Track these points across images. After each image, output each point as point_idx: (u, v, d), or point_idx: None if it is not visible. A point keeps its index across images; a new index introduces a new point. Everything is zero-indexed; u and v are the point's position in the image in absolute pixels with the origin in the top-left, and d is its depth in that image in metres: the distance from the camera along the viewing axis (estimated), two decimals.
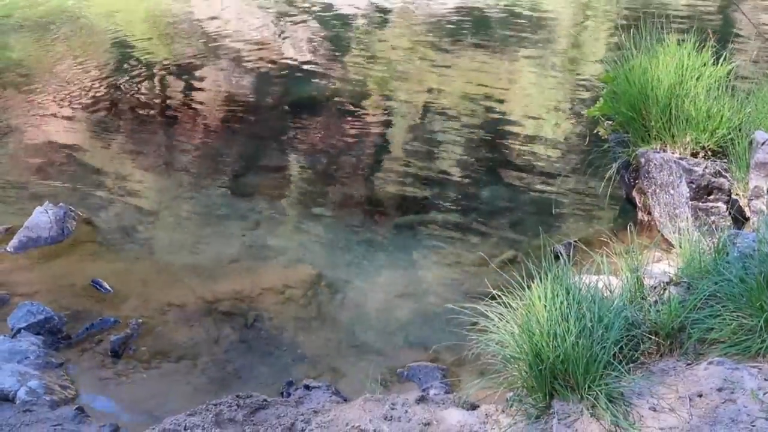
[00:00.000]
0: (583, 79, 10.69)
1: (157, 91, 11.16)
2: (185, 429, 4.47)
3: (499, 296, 4.53)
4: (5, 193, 8.16)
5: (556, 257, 4.72)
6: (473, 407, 4.46)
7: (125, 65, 12.29)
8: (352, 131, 9.47)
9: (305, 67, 11.90)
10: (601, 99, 7.48)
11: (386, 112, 10.08)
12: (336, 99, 10.48)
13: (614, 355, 4.12)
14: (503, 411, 4.27)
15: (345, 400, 4.89)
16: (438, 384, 5.12)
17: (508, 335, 4.28)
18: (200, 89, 11.20)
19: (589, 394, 3.98)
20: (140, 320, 5.99)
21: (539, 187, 7.85)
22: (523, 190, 7.83)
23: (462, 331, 4.72)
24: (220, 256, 6.92)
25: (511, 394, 4.32)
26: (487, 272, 5.94)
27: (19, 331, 5.78)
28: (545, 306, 4.19)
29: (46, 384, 5.24)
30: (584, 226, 7.07)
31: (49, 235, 7.09)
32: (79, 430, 4.78)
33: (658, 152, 6.58)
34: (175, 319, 6.05)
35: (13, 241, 7.01)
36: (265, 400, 4.77)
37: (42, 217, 7.16)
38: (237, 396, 4.77)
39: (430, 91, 10.59)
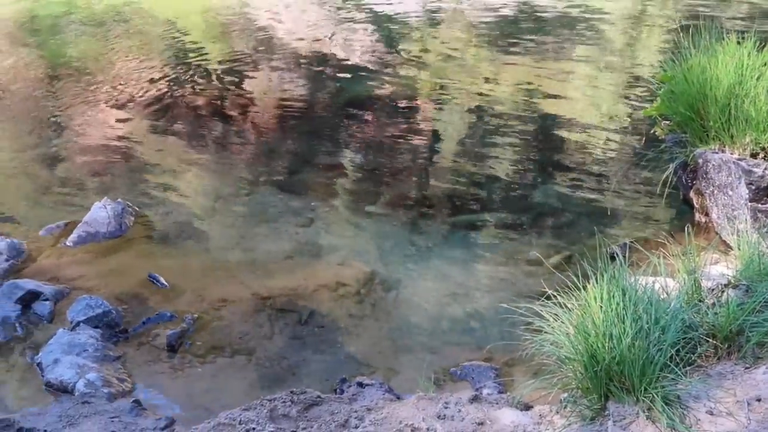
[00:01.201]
0: (639, 79, 10.57)
1: (212, 89, 11.25)
2: (240, 423, 4.51)
3: (554, 296, 4.51)
4: (64, 189, 8.30)
5: (612, 258, 4.69)
6: (527, 408, 4.45)
7: (181, 63, 12.42)
8: (405, 130, 9.47)
9: (358, 65, 11.93)
10: (658, 99, 7.40)
11: (439, 111, 10.06)
12: (388, 98, 10.49)
13: (671, 357, 4.08)
14: (557, 412, 4.25)
15: (398, 398, 4.89)
16: (491, 384, 5.11)
17: (563, 336, 4.25)
18: (254, 87, 11.28)
19: (645, 397, 3.95)
20: (196, 315, 6.06)
21: (594, 187, 7.78)
22: (578, 190, 7.77)
23: (516, 330, 4.71)
24: (274, 253, 6.97)
25: (566, 395, 4.30)
26: (541, 272, 5.92)
27: (78, 324, 5.89)
28: (601, 307, 4.16)
29: (103, 377, 5.33)
30: (640, 227, 6.99)
31: (108, 230, 7.20)
32: (136, 423, 4.84)
33: (717, 153, 6.49)
34: (230, 314, 6.11)
35: (73, 236, 7.13)
36: (318, 397, 4.80)
37: (101, 213, 7.28)
38: (291, 392, 4.80)
39: (482, 90, 10.54)
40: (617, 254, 4.85)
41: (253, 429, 4.44)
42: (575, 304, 4.37)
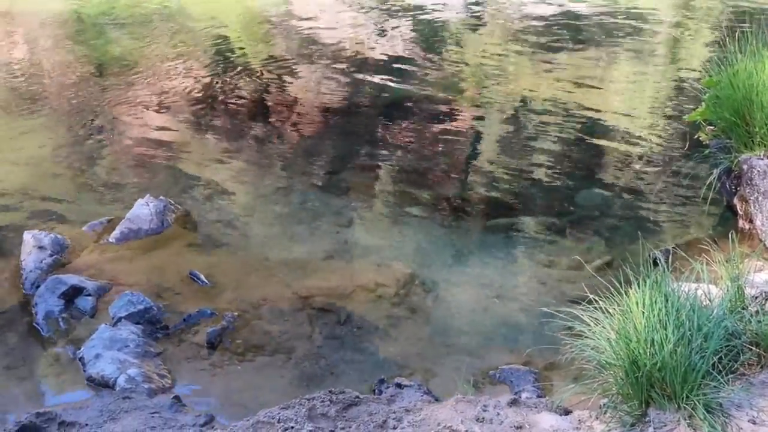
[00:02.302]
0: (683, 82, 10.49)
1: (253, 89, 11.31)
2: (279, 422, 4.53)
3: (595, 300, 4.48)
4: (107, 186, 8.38)
5: (654, 263, 4.66)
6: (566, 412, 4.43)
7: (222, 62, 12.50)
8: (446, 131, 9.46)
9: (399, 66, 11.93)
10: (702, 103, 7.33)
11: (479, 112, 10.04)
12: (428, 100, 10.48)
13: (713, 365, 4.04)
14: (597, 417, 4.23)
15: (436, 400, 4.89)
16: (530, 387, 5.09)
17: (604, 341, 4.23)
18: (295, 87, 11.32)
19: (686, 404, 3.91)
20: (236, 313, 6.09)
21: (636, 191, 7.73)
22: (619, 194, 7.72)
23: (556, 334, 4.70)
24: (314, 252, 6.99)
25: (606, 400, 4.27)
26: (582, 276, 5.89)
27: (119, 319, 5.95)
28: (643, 312, 4.13)
29: (144, 372, 5.38)
30: (683, 233, 6.93)
31: (150, 227, 7.27)
32: (176, 419, 4.87)
33: (762, 159, 6.42)
34: (270, 313, 6.14)
35: (115, 233, 7.20)
36: (357, 397, 4.81)
37: (143, 210, 7.35)
38: (330, 391, 4.81)
39: (524, 91, 10.51)
40: (660, 259, 4.82)
41: (292, 428, 4.45)
42: (617, 309, 4.34)
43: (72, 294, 6.30)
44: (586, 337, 4.36)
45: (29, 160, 9.02)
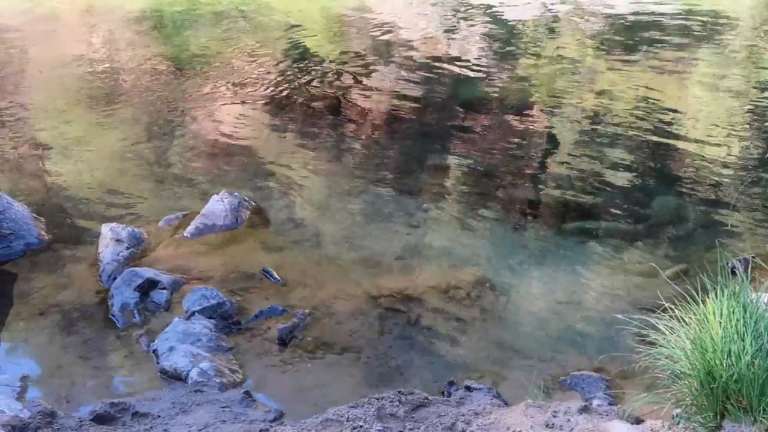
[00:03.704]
0: (764, 87, 10.25)
1: (327, 87, 11.38)
2: (347, 421, 4.54)
3: (670, 309, 4.40)
4: (183, 181, 8.52)
5: (732, 272, 4.55)
6: (638, 421, 4.36)
7: (298, 60, 12.61)
8: (519, 133, 9.40)
9: (473, 66, 11.90)
10: None
11: (553, 115, 9.96)
12: (503, 101, 10.43)
13: None
14: (670, 428, 4.15)
15: (506, 404, 4.86)
16: (601, 395, 5.03)
17: (678, 350, 4.15)
18: (369, 86, 11.36)
19: (763, 417, 3.82)
20: (307, 311, 6.14)
21: (713, 198, 7.59)
22: (696, 202, 7.58)
23: (629, 342, 4.63)
24: (386, 252, 7.00)
25: (679, 411, 4.19)
26: (656, 283, 5.79)
27: (193, 314, 6.03)
28: (720, 323, 4.05)
29: (216, 367, 5.45)
30: (762, 242, 6.78)
31: (224, 222, 7.36)
32: (246, 414, 4.92)
33: None
34: (341, 311, 6.17)
35: (190, 227, 7.30)
36: (426, 398, 4.80)
37: (218, 205, 7.44)
38: (399, 392, 4.81)
39: (599, 95, 10.39)
40: (738, 269, 4.71)
41: (360, 427, 4.45)
42: (692, 318, 4.25)
43: (147, 287, 6.41)
44: (660, 345, 4.28)
45: (109, 154, 9.21)
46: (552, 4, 15.38)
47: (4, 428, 4.49)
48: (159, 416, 4.91)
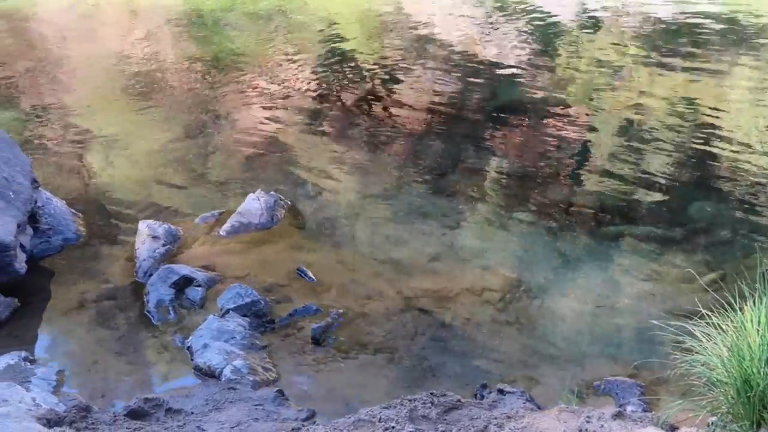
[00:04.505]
0: None
1: (364, 88, 11.40)
2: (380, 421, 4.53)
3: (707, 316, 4.35)
4: (219, 179, 8.57)
5: None
6: (672, 428, 4.32)
7: (336, 61, 12.64)
8: (556, 136, 9.35)
9: (511, 69, 11.86)
10: None
11: (591, 119, 9.89)
12: (540, 103, 10.38)
13: None
14: None
15: (539, 408, 4.83)
16: (636, 401, 4.99)
17: (715, 357, 4.10)
18: (406, 87, 11.35)
19: None
20: (341, 310, 6.15)
21: (752, 204, 7.49)
22: (735, 208, 7.48)
23: (664, 348, 4.58)
24: (420, 254, 7.00)
25: (715, 419, 4.15)
26: (693, 289, 5.76)
27: (227, 311, 6.06)
28: (758, 330, 4.00)
29: (249, 365, 5.47)
30: None
31: (260, 221, 7.39)
32: (278, 412, 4.93)
33: None
34: (374, 312, 6.18)
35: (226, 226, 7.34)
36: (458, 401, 4.78)
37: (254, 204, 7.47)
38: (432, 393, 4.80)
39: (637, 100, 10.30)
40: None
41: (393, 428, 4.45)
42: (730, 325, 4.20)
43: (183, 284, 6.46)
44: (696, 352, 4.23)
45: (147, 151, 9.29)
46: (592, 5, 15.28)
47: (39, 421, 4.54)
48: (192, 413, 4.94)
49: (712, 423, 4.14)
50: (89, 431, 4.67)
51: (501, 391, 5.04)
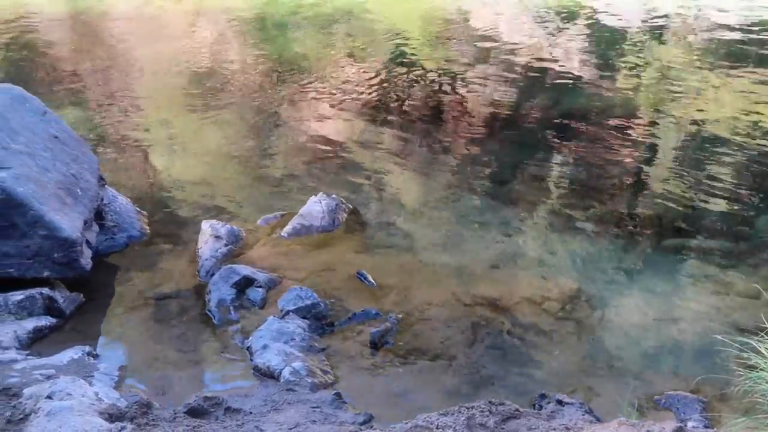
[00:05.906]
0: None
1: (427, 92, 11.40)
2: (437, 428, 4.51)
3: None
4: (282, 181, 8.64)
5: None
6: None
7: (398, 65, 12.66)
8: (618, 146, 9.25)
9: (575, 77, 11.77)
10: None
11: (655, 128, 9.77)
12: (603, 112, 10.28)
13: None
14: None
15: (598, 420, 4.78)
16: (697, 417, 4.92)
17: None
18: (469, 93, 11.33)
19: None
20: (400, 315, 6.16)
21: None
22: None
23: (728, 364, 4.52)
24: (480, 260, 6.98)
25: None
26: (759, 305, 5.67)
27: (287, 313, 6.10)
28: None
29: (308, 366, 5.49)
30: None
31: (321, 224, 7.42)
32: (336, 415, 4.94)
33: None
34: (433, 317, 6.17)
35: (288, 227, 7.39)
36: (517, 410, 4.75)
37: (316, 207, 7.51)
38: (490, 402, 4.77)
39: (702, 111, 10.15)
40: None
41: None
42: None
43: (244, 284, 6.51)
44: (761, 369, 4.18)
45: (210, 152, 9.40)
46: (660, 11, 15.10)
47: (102, 415, 4.60)
48: (251, 413, 4.96)
49: None
50: (150, 427, 4.72)
51: (560, 402, 5.00)
